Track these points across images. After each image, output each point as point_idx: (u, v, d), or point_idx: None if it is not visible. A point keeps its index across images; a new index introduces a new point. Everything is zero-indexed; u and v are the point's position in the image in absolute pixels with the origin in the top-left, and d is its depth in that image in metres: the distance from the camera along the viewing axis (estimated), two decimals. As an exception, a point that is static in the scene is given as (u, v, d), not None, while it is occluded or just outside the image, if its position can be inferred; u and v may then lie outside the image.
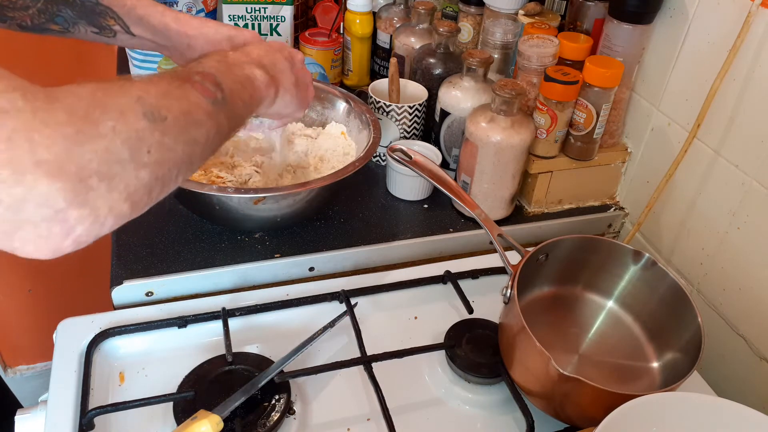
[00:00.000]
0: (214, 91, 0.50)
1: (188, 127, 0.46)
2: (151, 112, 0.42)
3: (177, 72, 0.50)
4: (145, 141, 0.42)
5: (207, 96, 0.49)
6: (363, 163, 0.76)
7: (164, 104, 0.44)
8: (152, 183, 0.43)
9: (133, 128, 0.41)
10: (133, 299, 0.74)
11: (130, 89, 0.43)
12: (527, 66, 0.84)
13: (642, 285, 0.69)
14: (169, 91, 0.46)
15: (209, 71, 0.52)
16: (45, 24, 0.65)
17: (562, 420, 0.62)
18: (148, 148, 0.42)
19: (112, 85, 0.42)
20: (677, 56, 0.79)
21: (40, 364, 1.69)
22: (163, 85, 0.46)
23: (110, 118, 0.40)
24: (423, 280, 0.77)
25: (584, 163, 0.88)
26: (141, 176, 0.41)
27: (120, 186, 0.40)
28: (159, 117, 0.43)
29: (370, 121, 0.84)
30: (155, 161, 0.42)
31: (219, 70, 0.54)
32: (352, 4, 1.07)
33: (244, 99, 0.56)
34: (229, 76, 0.55)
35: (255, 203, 0.70)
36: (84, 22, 0.67)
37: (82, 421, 0.58)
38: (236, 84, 0.55)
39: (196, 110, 0.47)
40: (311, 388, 0.65)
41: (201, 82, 0.50)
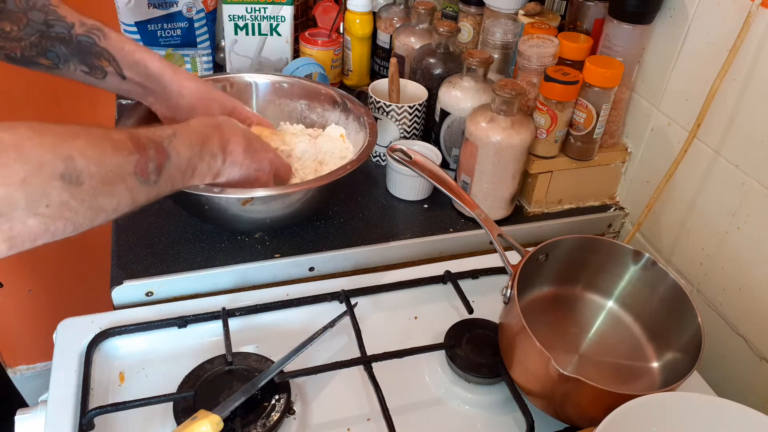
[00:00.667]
0: (151, 173, 0.52)
1: (100, 196, 0.47)
2: (70, 175, 0.43)
3: (138, 137, 0.52)
4: (49, 197, 0.42)
5: (142, 177, 0.51)
6: (354, 166, 0.75)
7: (90, 171, 0.45)
8: (40, 232, 0.43)
9: (42, 184, 0.42)
10: (133, 299, 0.74)
11: (68, 145, 0.44)
12: (527, 66, 0.84)
13: (642, 285, 0.69)
14: (108, 158, 0.47)
15: (168, 152, 0.55)
16: (35, 58, 0.66)
17: (562, 420, 0.62)
18: (48, 203, 0.42)
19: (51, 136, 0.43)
20: (677, 56, 0.79)
21: (40, 364, 1.69)
22: (108, 149, 0.47)
23: (25, 169, 0.41)
24: (423, 280, 0.77)
25: (584, 163, 0.88)
26: (29, 224, 0.42)
27: (4, 227, 0.40)
28: (76, 181, 0.44)
29: (368, 124, 0.83)
30: (50, 215, 0.43)
31: (179, 154, 0.56)
32: (352, 4, 1.07)
33: (173, 186, 0.57)
34: (182, 164, 0.57)
35: (243, 204, 0.70)
36: (76, 61, 0.68)
37: (82, 421, 0.58)
38: (179, 173, 0.57)
39: (120, 184, 0.49)
40: (311, 388, 0.65)
41: (148, 161, 0.52)
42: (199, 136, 0.60)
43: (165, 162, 0.54)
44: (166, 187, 0.56)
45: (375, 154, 0.97)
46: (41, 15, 0.65)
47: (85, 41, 0.67)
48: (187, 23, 1.05)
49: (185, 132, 0.59)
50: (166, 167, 0.54)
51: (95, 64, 0.69)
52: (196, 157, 0.59)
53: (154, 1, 1.01)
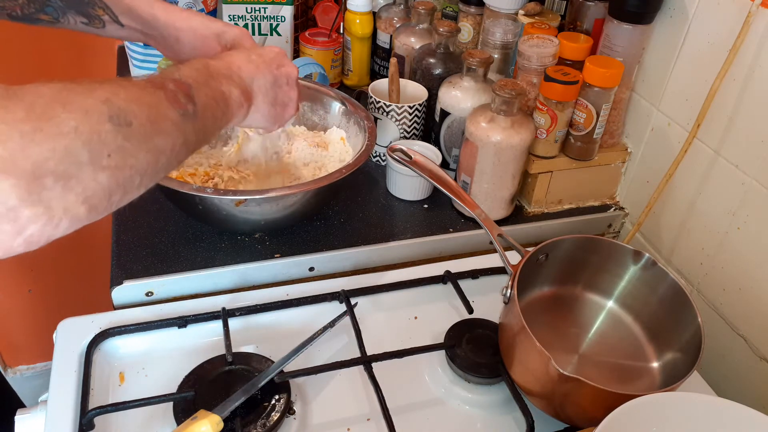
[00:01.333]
0: (185, 103, 0.50)
1: (153, 136, 0.45)
2: (116, 116, 0.42)
3: (152, 78, 0.50)
4: (107, 144, 0.41)
5: (177, 107, 0.49)
6: (351, 170, 0.75)
7: (132, 109, 0.43)
8: (112, 187, 0.42)
9: (95, 130, 0.40)
10: (133, 299, 0.74)
11: (99, 90, 0.42)
12: (527, 66, 0.84)
13: (642, 285, 0.69)
14: (139, 96, 0.45)
15: (185, 81, 0.52)
16: (35, 14, 0.65)
17: (562, 420, 0.62)
18: (110, 151, 0.41)
19: (80, 85, 0.42)
20: (677, 56, 0.79)
21: (40, 364, 1.69)
22: (135, 90, 0.46)
23: (73, 117, 0.39)
24: (423, 280, 0.77)
25: (584, 163, 0.88)
26: (100, 179, 0.41)
27: (77, 188, 0.39)
28: (124, 121, 0.42)
29: (367, 127, 0.83)
30: (116, 165, 0.42)
31: (196, 81, 0.53)
32: (352, 4, 1.07)
33: (215, 115, 0.55)
34: (205, 90, 0.54)
35: (237, 204, 0.70)
36: (73, 12, 0.66)
37: (82, 421, 0.58)
38: (210, 99, 0.55)
39: (164, 120, 0.47)
40: (311, 388, 0.65)
41: (174, 92, 0.49)
42: (200, 64, 0.57)
43: (189, 90, 0.51)
44: (207, 117, 0.53)
45: (375, 154, 0.97)
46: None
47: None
48: (187, 23, 1.05)
49: (184, 66, 0.56)
50: (195, 94, 0.52)
51: (91, 13, 0.67)
52: (213, 81, 0.57)
53: (154, 1, 1.01)
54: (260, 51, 0.66)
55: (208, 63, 0.58)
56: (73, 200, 0.39)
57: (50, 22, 0.66)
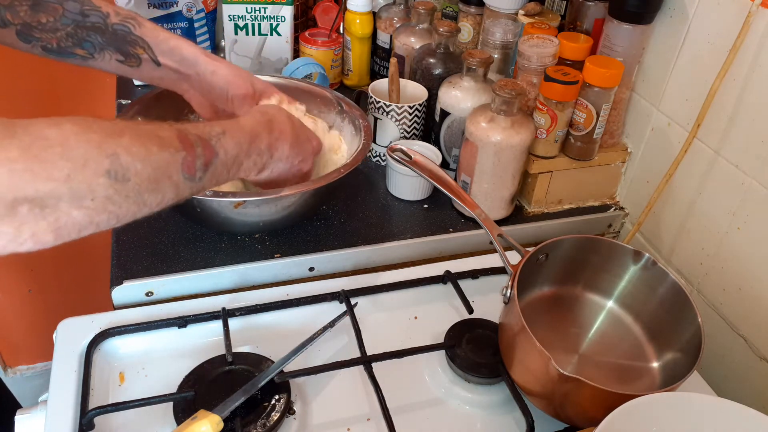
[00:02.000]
0: (198, 170, 0.52)
1: (146, 193, 0.47)
2: (115, 172, 0.43)
3: (186, 134, 0.51)
4: (94, 192, 0.42)
5: (188, 173, 0.51)
6: (348, 170, 0.75)
7: (136, 168, 0.45)
8: (85, 224, 0.43)
9: (87, 181, 0.42)
10: (133, 299, 0.74)
11: (113, 142, 0.44)
12: (527, 66, 0.84)
13: (642, 285, 0.69)
14: (155, 156, 0.47)
15: (216, 150, 0.54)
16: (71, 48, 0.66)
17: (562, 420, 0.62)
18: (93, 197, 0.42)
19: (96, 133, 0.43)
20: (677, 56, 0.79)
21: (40, 364, 1.69)
22: (155, 147, 0.47)
23: (69, 166, 0.41)
24: (423, 280, 0.77)
25: (584, 163, 0.88)
26: (74, 215, 0.42)
27: (50, 218, 0.41)
28: (122, 178, 0.44)
29: (362, 127, 0.83)
30: (95, 208, 0.43)
31: (227, 152, 0.56)
32: (352, 4, 1.07)
33: (219, 180, 0.57)
34: (228, 162, 0.56)
35: (235, 207, 0.70)
36: (111, 49, 0.68)
37: (82, 421, 0.58)
38: (223, 169, 0.57)
39: (166, 181, 0.49)
40: (311, 388, 0.65)
41: (196, 158, 0.51)
42: (249, 135, 0.60)
43: (213, 159, 0.54)
44: (210, 182, 0.55)
45: (375, 154, 0.97)
46: (77, 5, 0.65)
47: (121, 30, 0.67)
48: (187, 23, 1.05)
49: (235, 130, 0.59)
50: (213, 164, 0.54)
51: (130, 52, 0.69)
52: (243, 155, 0.59)
53: (154, 1, 1.01)
54: (307, 136, 0.70)
55: (257, 137, 0.61)
56: (43, 228, 0.41)
57: (84, 57, 0.67)
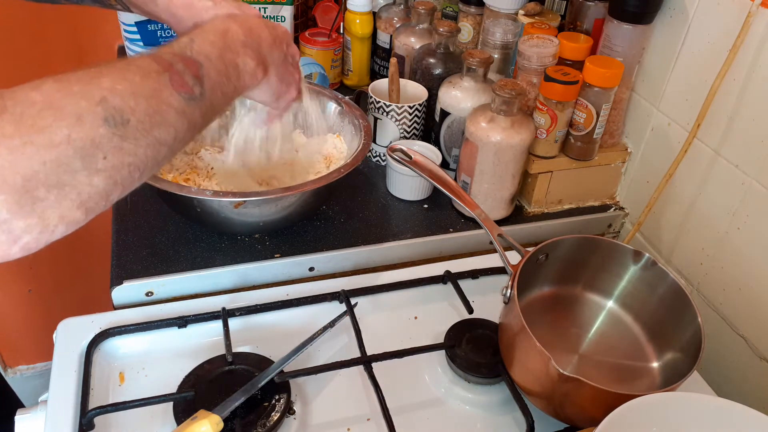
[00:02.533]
0: (192, 85, 0.48)
1: (153, 129, 0.44)
2: (112, 116, 0.41)
3: (161, 55, 0.48)
4: (102, 147, 0.40)
5: (183, 92, 0.47)
6: (348, 170, 0.74)
7: (130, 105, 0.42)
8: (109, 188, 0.41)
9: (89, 136, 0.39)
10: (133, 299, 0.74)
11: (96, 87, 0.41)
12: (527, 66, 0.84)
13: (642, 285, 0.69)
14: (140, 86, 0.44)
15: (196, 58, 0.50)
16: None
17: (562, 420, 0.62)
18: (104, 154, 0.40)
19: (76, 83, 0.40)
20: (677, 56, 0.79)
21: (40, 364, 1.69)
22: (137, 78, 0.44)
23: (65, 124, 0.38)
24: (423, 280, 0.77)
25: (584, 163, 0.88)
26: (95, 183, 0.40)
27: (72, 194, 0.39)
28: (121, 121, 0.41)
29: (362, 127, 0.83)
30: (112, 166, 0.41)
31: (208, 56, 0.51)
32: (352, 4, 1.07)
33: (225, 91, 0.53)
34: (217, 66, 0.52)
35: (235, 207, 0.70)
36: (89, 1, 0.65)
37: (82, 421, 0.58)
38: (221, 76, 0.52)
39: (167, 109, 0.45)
40: (311, 388, 0.65)
41: (181, 73, 0.47)
42: (217, 32, 0.55)
43: (199, 70, 0.49)
44: (217, 95, 0.51)
45: (375, 154, 0.97)
46: None
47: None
48: (187, 23, 1.05)
49: (201, 32, 0.54)
50: (204, 75, 0.50)
51: (105, 3, 0.66)
52: (229, 53, 0.54)
53: (154, 1, 1.01)
54: (273, 24, 0.64)
55: (227, 30, 0.55)
56: (69, 206, 0.39)
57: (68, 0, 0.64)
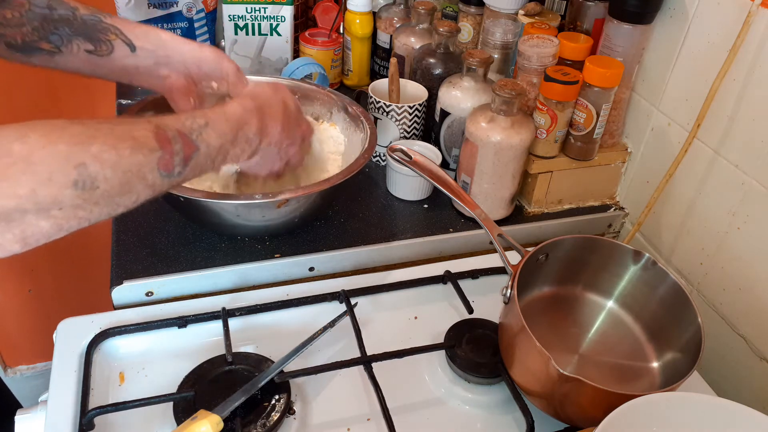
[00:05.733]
0: (176, 166, 0.50)
1: (117, 196, 0.46)
2: (83, 182, 0.42)
3: (165, 129, 0.49)
4: (61, 203, 0.42)
5: (165, 170, 0.49)
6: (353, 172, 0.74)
7: (105, 175, 0.43)
8: (53, 232, 0.43)
9: (53, 194, 0.41)
10: (133, 299, 0.74)
11: (82, 151, 0.42)
12: (527, 66, 0.84)
13: (642, 285, 0.69)
14: (126, 161, 0.45)
15: (197, 144, 0.52)
16: (36, 42, 0.64)
17: (562, 420, 0.62)
18: (61, 207, 0.42)
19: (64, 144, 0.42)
20: (677, 56, 0.79)
21: (40, 364, 1.69)
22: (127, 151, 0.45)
23: (34, 180, 0.40)
24: (423, 280, 0.77)
25: (584, 163, 0.88)
26: (41, 225, 0.41)
27: (15, 230, 0.40)
28: (90, 187, 0.43)
29: (368, 127, 0.83)
30: (63, 216, 0.42)
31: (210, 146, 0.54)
32: (352, 4, 1.07)
33: (203, 170, 0.55)
34: (212, 153, 0.54)
35: (278, 206, 0.69)
36: (81, 39, 0.65)
37: (82, 421, 0.58)
38: (209, 162, 0.54)
39: (139, 183, 0.47)
40: (311, 388, 0.65)
41: (174, 155, 0.49)
42: (235, 124, 0.58)
43: (193, 154, 0.51)
44: (192, 174, 0.53)
45: (375, 154, 0.97)
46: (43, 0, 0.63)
47: (90, 20, 0.66)
48: (187, 23, 1.05)
49: (220, 120, 0.56)
50: (194, 158, 0.52)
51: (101, 38, 0.66)
52: (229, 144, 0.57)
53: (154, 1, 1.01)
54: (297, 119, 0.67)
55: (244, 124, 0.58)
56: (9, 239, 0.40)
57: (50, 52, 0.65)
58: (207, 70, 0.72)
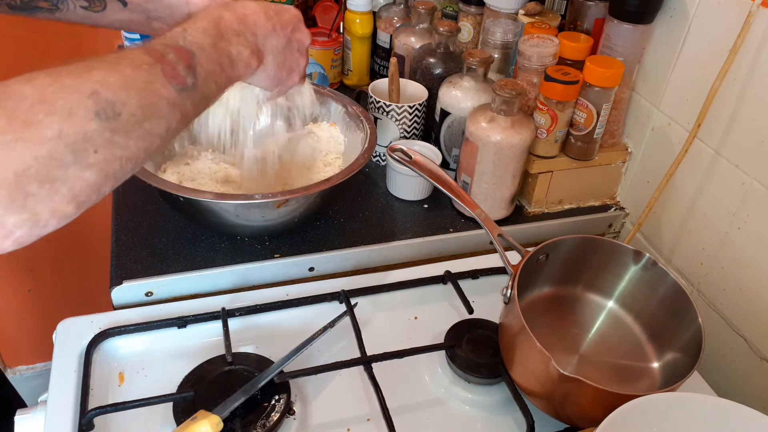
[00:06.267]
0: (185, 75, 0.48)
1: (145, 121, 0.44)
2: (104, 110, 0.41)
3: (153, 46, 0.48)
4: (93, 141, 0.40)
5: (176, 83, 0.47)
6: (355, 170, 0.74)
7: (121, 98, 0.42)
8: (100, 181, 0.41)
9: (81, 130, 0.40)
10: (133, 299, 0.74)
11: (88, 80, 0.41)
12: (527, 66, 0.84)
13: (642, 285, 0.69)
14: (132, 78, 0.44)
15: (188, 48, 0.50)
16: (34, 1, 0.63)
17: (562, 420, 0.61)
18: (96, 148, 0.40)
19: (68, 76, 0.41)
20: (677, 56, 0.79)
21: (40, 364, 1.69)
22: (128, 70, 0.44)
23: (57, 119, 0.39)
24: (423, 280, 0.77)
25: (584, 163, 0.88)
26: (86, 177, 0.40)
27: (63, 189, 0.39)
28: (112, 114, 0.41)
29: (368, 127, 0.83)
30: (104, 160, 0.41)
31: (201, 46, 0.51)
32: (352, 4, 1.07)
33: (218, 81, 0.53)
34: (210, 55, 0.52)
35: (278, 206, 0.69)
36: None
37: (82, 422, 0.58)
38: (215, 65, 0.52)
39: (159, 101, 0.45)
40: (311, 388, 0.65)
41: (174, 64, 0.47)
42: (210, 20, 0.55)
43: (192, 59, 0.49)
44: (209, 85, 0.51)
45: (375, 154, 0.97)
46: None
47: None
48: (187, 23, 1.05)
49: (194, 22, 0.54)
50: (197, 64, 0.50)
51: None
52: (222, 41, 0.54)
53: (154, 1, 1.01)
54: (278, 8, 0.63)
55: (220, 19, 0.55)
56: (60, 201, 0.39)
57: (49, 10, 0.64)
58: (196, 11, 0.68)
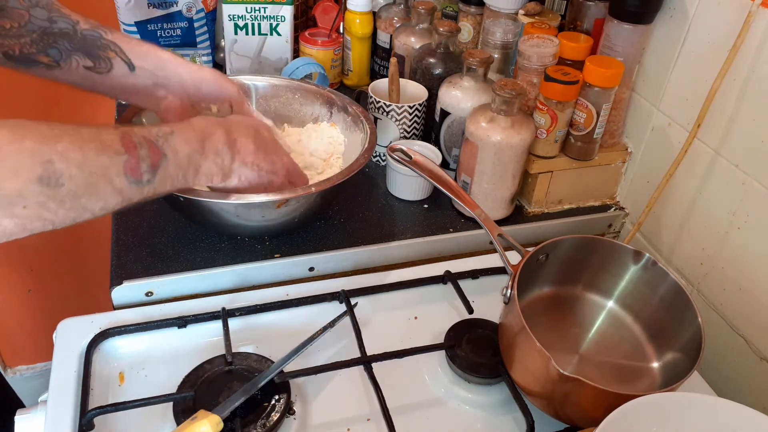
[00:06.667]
0: (145, 172, 0.51)
1: (83, 197, 0.46)
2: (48, 178, 0.42)
3: (131, 135, 0.50)
4: (26, 199, 0.42)
5: (132, 176, 0.49)
6: (355, 170, 0.74)
7: (72, 173, 0.44)
8: (16, 231, 0.43)
9: (18, 188, 0.41)
10: (133, 299, 0.74)
11: (49, 148, 0.43)
12: (527, 66, 0.84)
13: (642, 285, 0.69)
14: (92, 160, 0.46)
15: (163, 149, 0.52)
16: (35, 55, 0.63)
17: (562, 420, 0.61)
18: (26, 204, 0.42)
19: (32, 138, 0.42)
20: (677, 56, 0.79)
21: (40, 364, 1.69)
22: (92, 152, 0.46)
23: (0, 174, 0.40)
24: (423, 280, 0.77)
25: (584, 163, 0.88)
26: (4, 224, 0.41)
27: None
28: (55, 183, 0.43)
29: (368, 127, 0.83)
30: (28, 216, 0.42)
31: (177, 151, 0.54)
32: (352, 4, 1.07)
33: (174, 184, 0.55)
34: (181, 162, 0.55)
35: (278, 206, 0.69)
36: (80, 55, 0.65)
37: (82, 422, 0.58)
38: (179, 171, 0.55)
39: (105, 186, 0.47)
40: (311, 388, 0.65)
41: (140, 159, 0.50)
42: (201, 133, 0.58)
43: (160, 161, 0.52)
44: (163, 185, 0.54)
45: (375, 154, 0.97)
46: (44, 12, 0.63)
47: (91, 35, 0.65)
48: (186, 23, 1.05)
49: (185, 129, 0.56)
50: (162, 166, 0.52)
51: (101, 55, 0.66)
52: (198, 155, 0.57)
53: (154, 1, 1.01)
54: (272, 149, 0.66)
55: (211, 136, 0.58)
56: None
57: (48, 66, 0.65)
58: (206, 92, 0.72)
